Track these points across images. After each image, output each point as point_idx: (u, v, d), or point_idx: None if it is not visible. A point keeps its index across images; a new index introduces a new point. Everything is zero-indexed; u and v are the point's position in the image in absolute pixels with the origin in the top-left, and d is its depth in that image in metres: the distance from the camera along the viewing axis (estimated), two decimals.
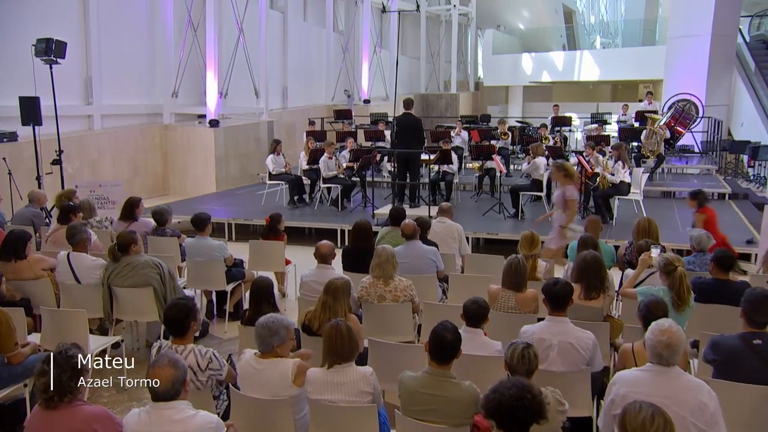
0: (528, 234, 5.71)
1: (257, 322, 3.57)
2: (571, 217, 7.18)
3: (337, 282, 4.41)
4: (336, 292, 4.36)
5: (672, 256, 4.80)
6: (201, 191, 14.25)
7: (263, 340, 3.55)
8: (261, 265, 7.39)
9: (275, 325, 3.55)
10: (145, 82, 14.93)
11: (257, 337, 3.55)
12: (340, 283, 4.41)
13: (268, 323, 3.54)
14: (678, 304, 4.40)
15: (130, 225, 7.55)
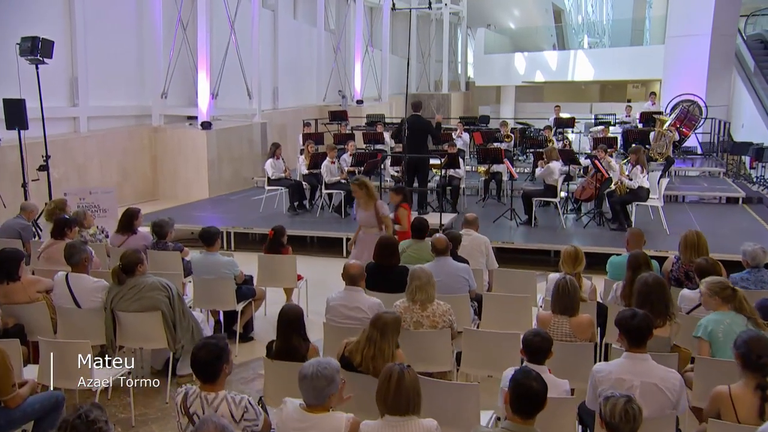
0: (571, 250, 5.26)
1: (306, 371, 3.06)
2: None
3: (387, 317, 3.91)
4: (385, 328, 3.86)
5: (719, 279, 4.39)
6: (193, 196, 13.67)
7: (318, 393, 3.03)
8: (271, 281, 6.90)
9: (329, 371, 3.05)
10: (134, 83, 14.32)
11: (310, 389, 3.03)
12: (391, 318, 3.91)
13: (322, 371, 3.03)
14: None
15: (128, 238, 7.02)
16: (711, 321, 4.14)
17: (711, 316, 4.19)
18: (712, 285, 4.21)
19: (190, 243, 10.33)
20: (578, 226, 10.16)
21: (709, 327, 4.10)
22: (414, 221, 6.56)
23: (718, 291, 4.23)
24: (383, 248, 5.62)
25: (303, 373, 3.06)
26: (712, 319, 4.16)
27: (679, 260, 5.52)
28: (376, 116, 16.98)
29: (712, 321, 4.13)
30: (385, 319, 3.92)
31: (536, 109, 28.00)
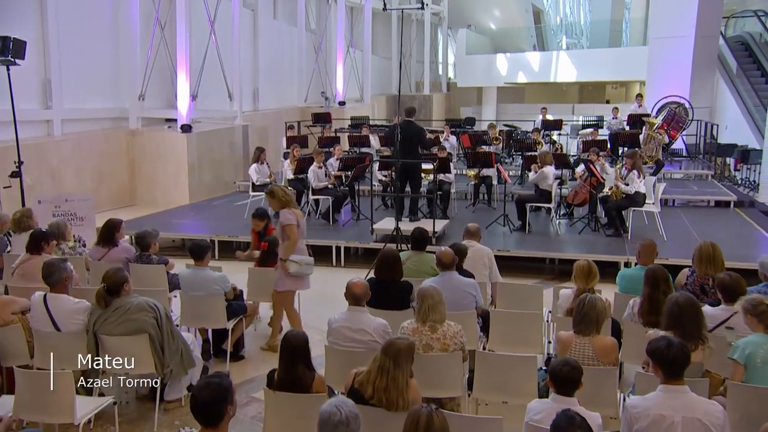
0: (584, 264, 4.99)
1: (325, 418, 2.73)
2: (290, 247, 6.11)
3: (401, 344, 3.59)
4: (398, 356, 3.54)
5: (753, 296, 4.15)
6: (172, 201, 13.22)
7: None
8: (262, 296, 6.54)
9: (352, 415, 2.73)
10: (110, 84, 13.82)
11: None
12: (404, 345, 3.59)
13: (344, 419, 2.70)
14: None
15: (109, 251, 6.61)
16: (750, 343, 3.88)
17: (750, 338, 3.94)
18: (745, 303, 3.96)
19: (172, 251, 9.95)
20: (573, 231, 9.94)
21: (747, 350, 3.84)
22: (414, 232, 6.26)
23: (750, 308, 3.99)
24: (384, 261, 5.31)
25: (332, 420, 2.72)
26: (752, 341, 3.90)
27: (694, 273, 5.29)
28: (361, 118, 16.66)
29: (752, 344, 3.88)
30: (399, 346, 3.61)
31: (518, 110, 27.88)
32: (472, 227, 6.35)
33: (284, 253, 6.12)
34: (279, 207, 6.22)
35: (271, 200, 6.28)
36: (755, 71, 19.25)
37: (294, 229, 6.09)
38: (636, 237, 9.33)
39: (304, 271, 6.13)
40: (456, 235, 9.75)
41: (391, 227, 9.32)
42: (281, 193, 6.24)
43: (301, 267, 6.07)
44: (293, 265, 6.08)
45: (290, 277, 6.11)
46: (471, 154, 11.74)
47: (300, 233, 6.19)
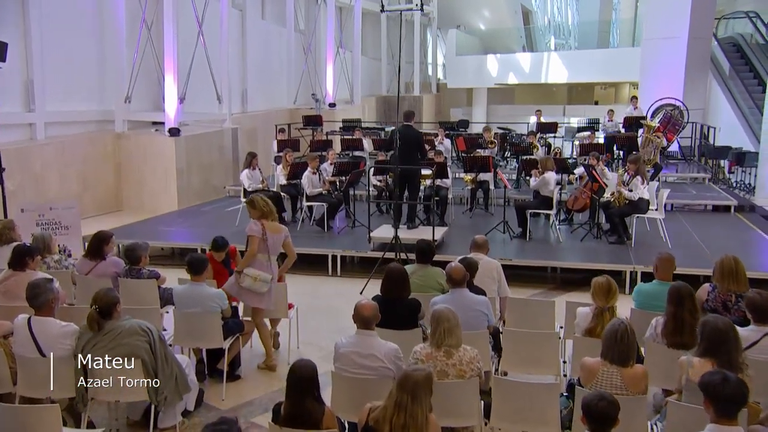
0: (603, 282, 4.73)
1: None
2: (247, 259, 5.80)
3: (418, 376, 3.30)
4: (416, 389, 3.25)
5: None
6: (160, 207, 12.86)
7: None
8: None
9: None
10: (94, 86, 13.44)
11: None
12: (422, 377, 3.30)
13: None
14: None
15: (96, 265, 6.27)
16: None
17: None
18: None
19: (161, 261, 9.59)
20: (574, 239, 9.69)
21: None
22: (419, 244, 5.98)
23: None
24: (392, 279, 5.03)
25: None
26: None
27: (716, 289, 5.04)
28: (353, 121, 16.35)
29: None
30: (416, 379, 3.32)
31: (509, 111, 27.70)
32: (480, 239, 6.07)
33: (240, 264, 5.83)
34: (257, 217, 5.94)
35: (252, 210, 6.00)
36: (747, 73, 19.16)
37: (255, 241, 5.79)
38: (639, 244, 9.13)
39: (257, 288, 5.71)
40: (455, 242, 9.51)
41: (388, 235, 9.05)
42: (262, 203, 5.98)
43: (255, 283, 5.69)
44: (247, 278, 5.74)
45: (245, 291, 5.75)
46: (468, 158, 11.48)
47: (267, 247, 5.86)
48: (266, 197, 6.22)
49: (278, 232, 5.94)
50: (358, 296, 8.14)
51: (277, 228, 5.97)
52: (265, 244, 5.82)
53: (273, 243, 5.88)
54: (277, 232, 5.93)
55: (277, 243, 5.92)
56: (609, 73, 24.61)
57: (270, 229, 5.88)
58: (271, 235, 5.86)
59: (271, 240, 5.86)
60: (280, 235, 5.96)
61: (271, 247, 5.88)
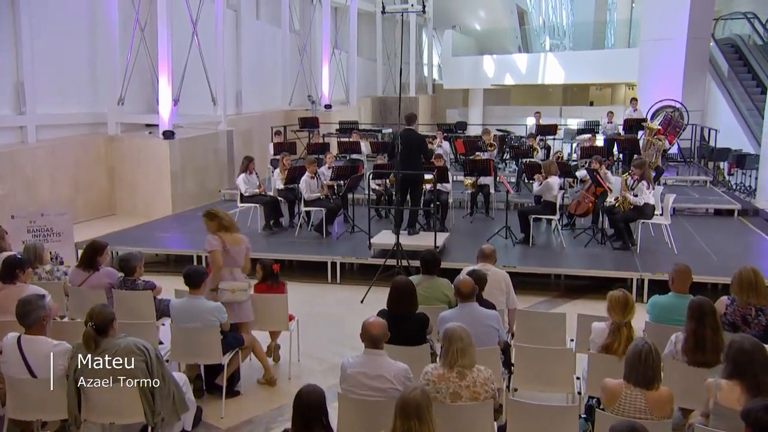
0: (619, 296, 4.55)
1: None
2: (215, 276, 5.59)
3: (417, 397, 3.20)
4: (420, 412, 3.15)
5: None
6: (154, 211, 12.62)
7: None
8: (259, 324, 6.02)
9: None
10: (87, 88, 13.20)
11: None
12: (421, 397, 3.22)
13: None
14: None
15: (90, 275, 6.05)
16: None
17: None
18: None
19: (155, 267, 9.36)
20: (577, 244, 9.50)
21: None
22: (424, 255, 5.78)
23: None
24: (399, 294, 4.83)
25: None
26: None
27: (734, 302, 4.86)
28: (349, 123, 16.14)
29: None
30: (416, 401, 3.23)
31: (505, 112, 27.53)
32: (487, 249, 5.87)
33: (212, 281, 5.59)
34: (215, 230, 5.73)
35: (209, 223, 5.79)
36: (746, 74, 19.06)
37: (217, 254, 5.62)
38: (645, 250, 8.96)
39: (237, 298, 5.54)
40: (456, 248, 9.32)
41: (388, 241, 8.85)
42: (222, 215, 5.83)
43: (234, 294, 5.52)
44: (225, 293, 5.57)
45: (227, 308, 5.49)
46: (468, 161, 11.29)
47: (232, 259, 5.69)
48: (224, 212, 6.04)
49: (239, 244, 5.77)
50: (359, 305, 7.97)
51: (237, 240, 5.78)
52: (228, 256, 5.66)
53: (235, 255, 5.72)
54: (237, 244, 5.76)
55: (239, 255, 5.75)
56: (606, 74, 24.47)
57: (230, 242, 5.71)
58: (232, 247, 5.70)
59: (233, 252, 5.70)
60: (241, 247, 5.79)
61: (233, 259, 5.71)
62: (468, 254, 8.98)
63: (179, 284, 5.92)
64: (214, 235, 5.71)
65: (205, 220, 5.89)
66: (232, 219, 5.92)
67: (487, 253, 5.82)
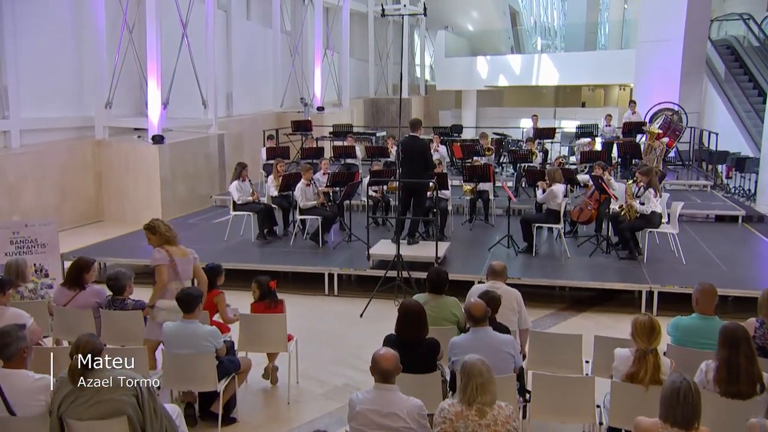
0: (645, 321, 4.24)
1: None
2: (156, 292, 5.37)
3: None
4: None
5: None
6: (143, 218, 11.85)
7: None
8: (255, 345, 5.70)
9: None
10: (73, 91, 12.81)
11: None
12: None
13: None
14: None
15: (77, 294, 5.72)
16: None
17: None
18: None
19: (144, 279, 8.97)
20: (582, 254, 9.21)
21: None
22: (431, 273, 5.46)
23: None
24: (409, 319, 4.51)
25: None
26: None
27: (764, 324, 4.59)
28: (343, 126, 15.80)
29: None
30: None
31: (498, 114, 27.26)
32: (498, 267, 5.55)
33: (151, 298, 5.38)
34: (159, 243, 5.49)
35: (151, 236, 5.56)
36: (742, 75, 18.90)
37: (163, 270, 5.38)
38: (652, 260, 8.70)
39: (173, 318, 5.13)
40: (457, 258, 9.02)
41: (387, 252, 8.57)
42: (164, 229, 5.58)
43: (170, 315, 5.17)
44: (161, 313, 5.28)
45: (153, 322, 5.29)
46: (468, 167, 11.01)
47: (177, 273, 5.43)
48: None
49: (185, 256, 5.55)
50: (359, 320, 7.67)
51: (183, 251, 5.56)
52: (175, 270, 5.41)
53: (183, 268, 5.49)
54: (184, 256, 5.53)
55: (186, 267, 5.52)
56: (600, 75, 24.24)
57: (176, 254, 5.48)
58: (179, 260, 5.47)
59: (180, 265, 5.46)
60: (188, 258, 5.57)
61: (181, 272, 5.47)
62: (470, 265, 8.74)
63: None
64: (159, 248, 5.45)
65: (146, 233, 5.64)
66: (174, 231, 5.66)
67: (497, 271, 5.50)
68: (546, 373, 4.59)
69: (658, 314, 7.64)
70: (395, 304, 8.02)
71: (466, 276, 8.15)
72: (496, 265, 5.56)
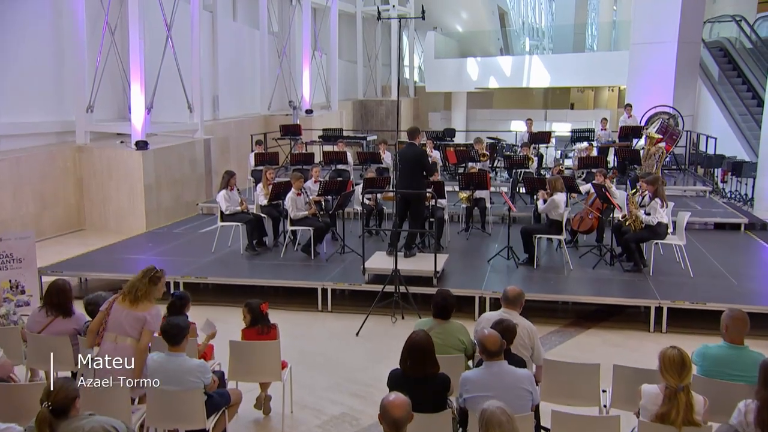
0: (674, 355, 3.88)
1: None
2: (87, 335, 4.88)
3: None
4: None
5: None
6: (127, 227, 11.78)
7: None
8: (248, 375, 5.28)
9: None
10: (53, 95, 12.35)
11: None
12: None
13: None
14: None
15: (53, 320, 5.29)
16: None
17: None
18: None
19: None
20: (584, 265, 8.84)
21: None
22: (437, 297, 5.06)
23: None
24: (417, 354, 4.11)
25: None
26: None
27: None
28: (333, 130, 15.39)
29: None
30: None
31: (488, 116, 26.99)
32: (512, 293, 5.07)
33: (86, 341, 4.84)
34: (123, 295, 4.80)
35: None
36: (736, 78, 18.70)
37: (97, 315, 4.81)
38: (658, 273, 8.37)
39: None
40: (455, 271, 8.64)
41: (383, 265, 8.20)
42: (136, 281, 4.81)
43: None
44: None
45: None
46: (464, 175, 10.65)
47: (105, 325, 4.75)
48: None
49: (132, 309, 4.70)
50: (355, 339, 7.27)
51: (135, 305, 4.71)
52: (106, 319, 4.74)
53: (115, 319, 4.69)
54: (130, 308, 4.70)
55: (123, 322, 4.67)
56: (592, 77, 24.01)
57: (120, 302, 4.74)
58: (118, 309, 4.71)
59: (114, 315, 4.71)
60: (133, 314, 4.68)
61: (111, 324, 4.69)
62: (467, 278, 8.39)
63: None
64: (112, 297, 4.86)
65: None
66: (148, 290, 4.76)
67: (511, 298, 5.05)
68: (564, 409, 4.23)
69: (668, 331, 7.34)
70: (393, 321, 7.72)
71: (467, 291, 7.80)
72: (510, 291, 5.09)
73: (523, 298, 5.05)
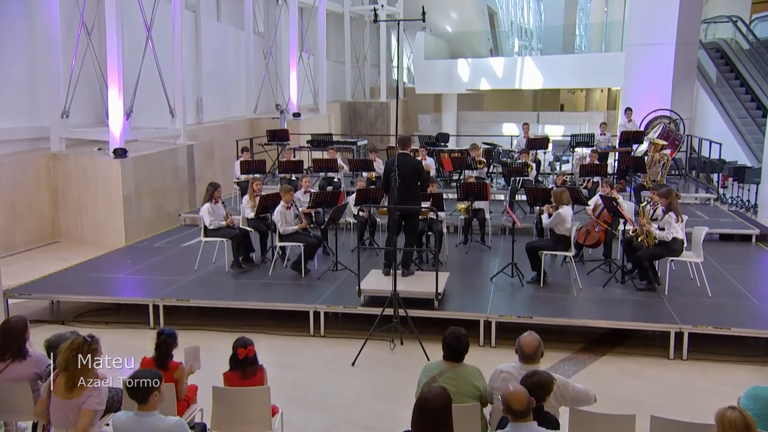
0: (736, 419, 3.34)
1: None
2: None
3: None
4: None
5: None
6: (105, 240, 11.13)
7: None
8: (233, 425, 4.66)
9: None
10: (25, 99, 11.69)
11: None
12: None
13: None
14: None
15: (9, 365, 4.63)
16: None
17: None
18: None
19: (102, 318, 7.90)
20: (594, 283, 8.28)
21: None
22: (448, 336, 4.46)
23: None
24: (429, 416, 3.50)
25: None
26: None
27: None
28: (322, 135, 14.77)
29: None
30: None
31: (479, 118, 26.46)
32: (528, 347, 4.28)
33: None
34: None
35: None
36: (734, 80, 18.28)
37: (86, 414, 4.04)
38: (673, 292, 7.83)
39: None
40: (457, 291, 8.05)
41: (379, 286, 7.62)
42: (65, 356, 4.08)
43: None
44: None
45: None
46: (462, 184, 10.09)
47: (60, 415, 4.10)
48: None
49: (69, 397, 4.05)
50: (351, 369, 6.68)
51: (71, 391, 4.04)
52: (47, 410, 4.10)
53: (57, 415, 4.07)
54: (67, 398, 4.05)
55: (69, 414, 4.04)
56: (585, 78, 23.53)
57: (56, 391, 4.07)
58: (57, 402, 4.07)
59: (54, 410, 4.07)
60: (72, 402, 4.04)
61: (54, 419, 4.07)
62: (469, 299, 7.85)
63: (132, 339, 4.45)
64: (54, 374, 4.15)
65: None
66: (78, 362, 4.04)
67: (528, 354, 4.28)
68: None
69: (689, 358, 6.81)
70: (391, 347, 7.13)
71: (471, 314, 7.24)
72: (526, 345, 4.31)
73: (542, 348, 4.34)
